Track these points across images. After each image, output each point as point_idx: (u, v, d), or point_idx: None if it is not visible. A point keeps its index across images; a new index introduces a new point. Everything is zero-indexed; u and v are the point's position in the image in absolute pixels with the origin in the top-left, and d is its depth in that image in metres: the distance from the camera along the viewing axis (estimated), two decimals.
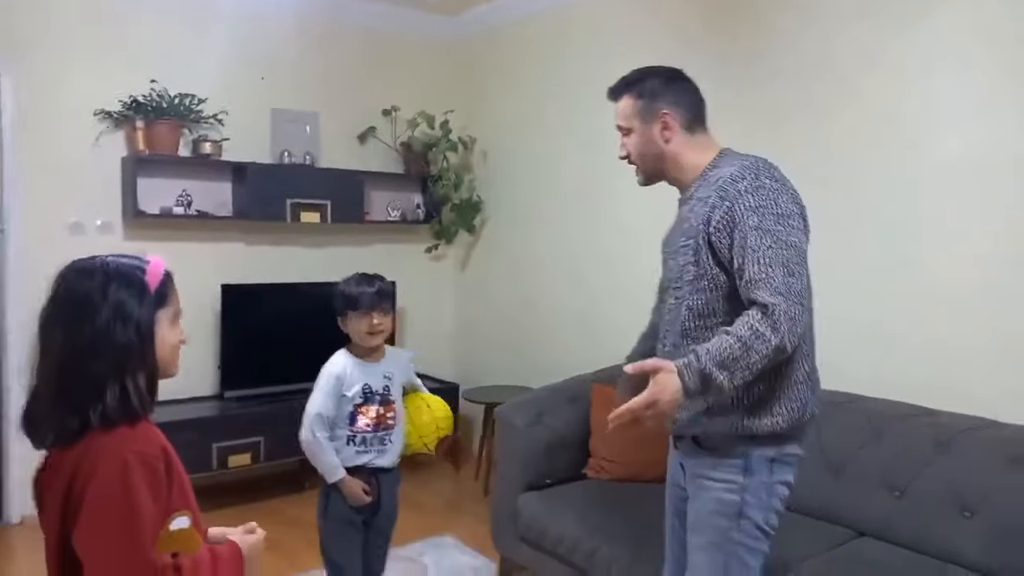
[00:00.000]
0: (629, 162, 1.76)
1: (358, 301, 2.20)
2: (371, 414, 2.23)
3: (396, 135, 4.43)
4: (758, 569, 1.62)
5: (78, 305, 1.14)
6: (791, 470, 1.62)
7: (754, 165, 1.58)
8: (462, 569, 3.05)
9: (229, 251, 3.97)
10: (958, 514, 2.14)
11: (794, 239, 1.50)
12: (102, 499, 1.09)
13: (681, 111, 1.68)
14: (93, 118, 3.55)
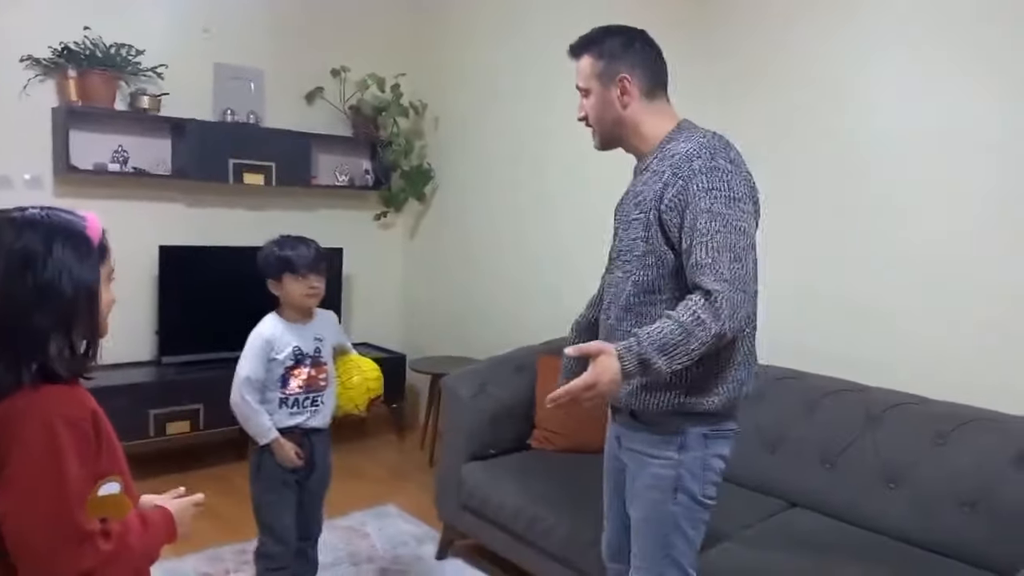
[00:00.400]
0: (587, 124, 1.71)
1: (295, 264, 2.16)
2: (302, 376, 2.21)
3: (345, 97, 4.31)
4: (698, 536, 1.67)
5: (20, 256, 1.09)
6: (727, 443, 1.66)
7: (711, 144, 1.56)
8: (405, 537, 3.05)
9: (168, 211, 3.82)
10: (884, 485, 2.23)
11: (743, 224, 1.50)
12: (27, 463, 1.05)
13: (641, 76, 1.63)
14: (19, 64, 3.35)
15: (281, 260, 2.17)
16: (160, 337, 3.71)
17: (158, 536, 1.23)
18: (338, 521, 3.17)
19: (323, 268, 2.23)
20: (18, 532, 1.05)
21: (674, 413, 1.59)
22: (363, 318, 4.63)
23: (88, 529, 1.08)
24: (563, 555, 2.34)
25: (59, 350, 1.11)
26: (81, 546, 1.06)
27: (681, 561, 1.65)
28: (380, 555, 2.90)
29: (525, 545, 2.50)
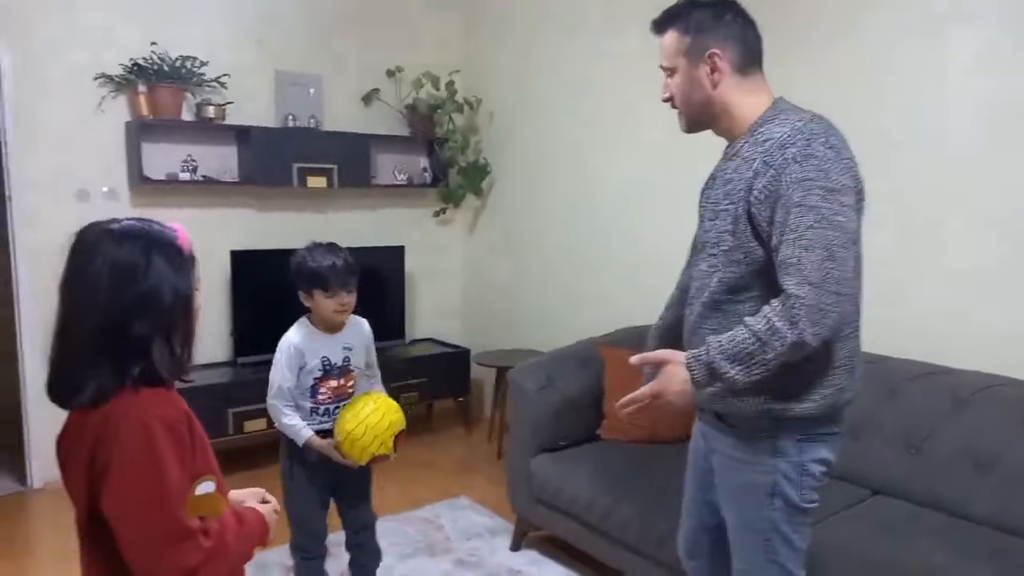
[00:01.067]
0: (672, 106, 1.59)
1: (327, 281, 2.12)
2: (331, 385, 2.22)
3: (401, 97, 4.36)
4: (802, 539, 1.56)
5: (123, 266, 1.13)
6: (825, 447, 1.52)
7: (808, 128, 1.41)
8: (478, 529, 3.09)
9: (236, 217, 3.95)
10: (973, 471, 2.15)
11: (841, 218, 1.35)
12: (128, 465, 1.09)
13: (733, 49, 1.49)
14: (94, 83, 3.50)
15: (312, 275, 2.14)
16: (235, 338, 3.84)
17: (253, 536, 1.27)
18: (413, 513, 3.23)
19: (354, 282, 2.19)
20: (125, 532, 1.10)
21: (763, 417, 1.48)
22: (426, 314, 4.69)
23: (191, 527, 1.12)
24: (639, 547, 2.33)
25: (159, 355, 1.15)
26: (184, 543, 1.11)
27: (787, 565, 1.55)
28: (455, 547, 2.94)
29: (600, 536, 2.50)
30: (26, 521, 3.22)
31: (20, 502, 3.39)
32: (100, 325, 1.12)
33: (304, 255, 2.19)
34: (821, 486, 1.55)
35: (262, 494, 1.40)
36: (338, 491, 2.33)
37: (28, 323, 3.41)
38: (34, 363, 3.41)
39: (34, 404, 3.43)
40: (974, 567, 1.86)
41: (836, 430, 1.54)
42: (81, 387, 1.12)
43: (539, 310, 4.21)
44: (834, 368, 1.47)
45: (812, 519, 1.57)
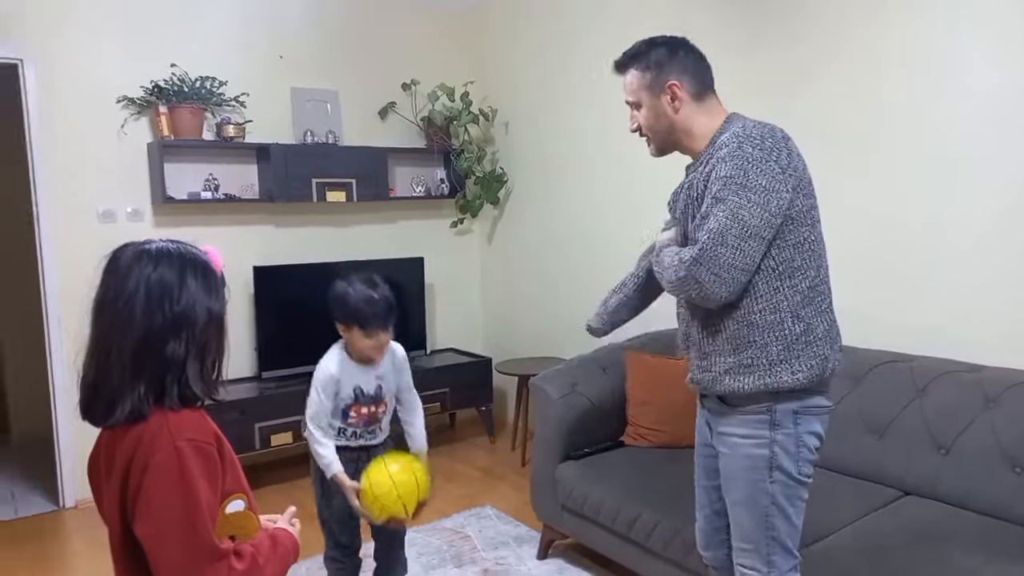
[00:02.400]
0: (640, 135, 1.77)
1: (366, 321, 2.11)
2: (361, 412, 2.25)
3: (416, 109, 4.40)
4: (798, 514, 1.65)
5: (159, 288, 1.15)
6: (818, 421, 1.64)
7: (744, 132, 1.57)
8: (504, 538, 3.09)
9: (258, 233, 4.00)
10: (1008, 469, 2.11)
11: (744, 213, 1.51)
12: (160, 489, 1.10)
13: (689, 79, 1.68)
14: (116, 105, 3.56)
15: (352, 313, 2.12)
16: (259, 353, 3.88)
17: (287, 556, 1.27)
18: (439, 523, 3.24)
19: (393, 320, 2.17)
20: (158, 555, 1.11)
21: (760, 393, 1.60)
22: (446, 324, 4.71)
23: (222, 549, 1.13)
24: (667, 554, 2.32)
25: (193, 374, 1.17)
26: (216, 565, 1.11)
27: (786, 541, 1.64)
28: (482, 556, 2.94)
29: (627, 543, 2.48)
30: (59, 540, 3.27)
31: (53, 521, 3.45)
32: (135, 345, 1.13)
33: (346, 289, 2.15)
34: (816, 461, 1.65)
35: (292, 513, 1.40)
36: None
37: (57, 345, 3.48)
38: (64, 384, 3.46)
39: (65, 424, 3.49)
40: (1010, 567, 1.83)
41: (827, 404, 1.66)
42: (115, 405, 1.13)
43: (560, 317, 4.21)
44: (816, 339, 1.60)
45: (807, 494, 1.65)
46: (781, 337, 1.58)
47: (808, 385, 1.59)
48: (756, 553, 1.66)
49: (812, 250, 1.59)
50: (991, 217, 2.41)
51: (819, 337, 1.60)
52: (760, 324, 1.58)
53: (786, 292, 1.57)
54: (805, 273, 1.59)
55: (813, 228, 1.60)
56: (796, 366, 1.58)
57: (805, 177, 1.60)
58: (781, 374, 1.58)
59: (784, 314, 1.58)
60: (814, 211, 1.62)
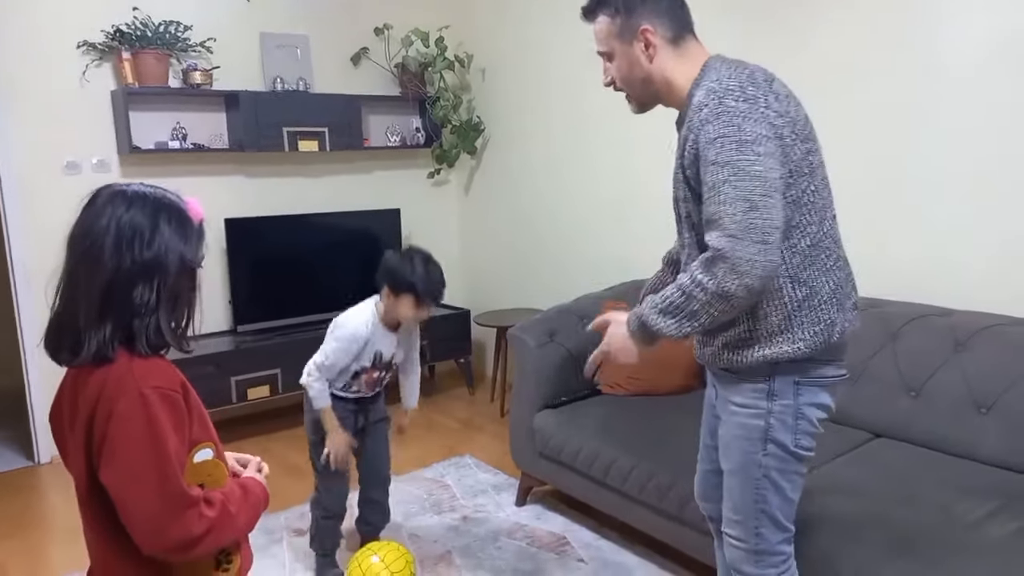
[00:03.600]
0: (615, 89, 1.62)
1: (427, 294, 2.13)
2: (372, 377, 2.28)
3: (390, 55, 4.28)
4: (794, 489, 1.57)
5: (130, 230, 1.12)
6: (823, 392, 1.53)
7: (721, 86, 1.42)
8: (483, 486, 3.12)
9: (229, 184, 3.90)
10: (975, 411, 2.15)
11: (758, 167, 1.35)
12: (125, 437, 1.08)
13: (663, 23, 1.52)
14: (77, 51, 3.43)
15: (411, 284, 2.13)
16: (234, 307, 3.83)
17: (257, 505, 1.26)
18: (419, 472, 3.27)
19: (441, 300, 2.22)
20: (127, 503, 1.09)
21: (762, 364, 1.49)
22: None
23: (192, 496, 1.11)
24: (642, 497, 2.35)
25: (163, 322, 1.14)
26: (186, 512, 1.10)
27: (776, 515, 1.57)
28: (462, 504, 2.97)
29: (604, 489, 2.52)
30: (34, 495, 3.25)
31: (28, 476, 3.43)
32: (102, 285, 1.10)
33: (405, 262, 2.16)
34: (817, 434, 1.55)
35: (258, 462, 1.38)
36: (361, 447, 2.38)
37: (25, 299, 3.40)
38: (34, 338, 3.40)
39: (37, 379, 3.44)
40: (979, 504, 1.88)
41: (836, 373, 1.54)
42: (80, 345, 1.11)
43: (538, 268, 4.19)
44: (821, 303, 1.47)
45: (805, 469, 1.57)
46: (780, 305, 1.45)
47: (812, 354, 1.47)
48: (743, 525, 1.59)
49: (812, 202, 1.45)
50: (968, 165, 2.40)
51: (824, 300, 1.47)
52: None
53: (784, 254, 1.43)
54: (805, 230, 1.44)
55: (812, 176, 1.45)
56: (798, 334, 1.46)
57: (799, 118, 1.46)
58: (781, 344, 1.46)
59: (783, 280, 1.45)
60: (812, 155, 1.46)
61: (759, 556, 1.59)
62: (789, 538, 1.61)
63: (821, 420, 1.55)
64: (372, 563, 2.01)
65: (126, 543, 1.11)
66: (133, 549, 1.11)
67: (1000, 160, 2.33)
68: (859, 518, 1.88)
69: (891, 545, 1.77)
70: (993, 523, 1.80)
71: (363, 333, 2.18)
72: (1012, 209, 2.32)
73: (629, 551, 2.56)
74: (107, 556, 1.18)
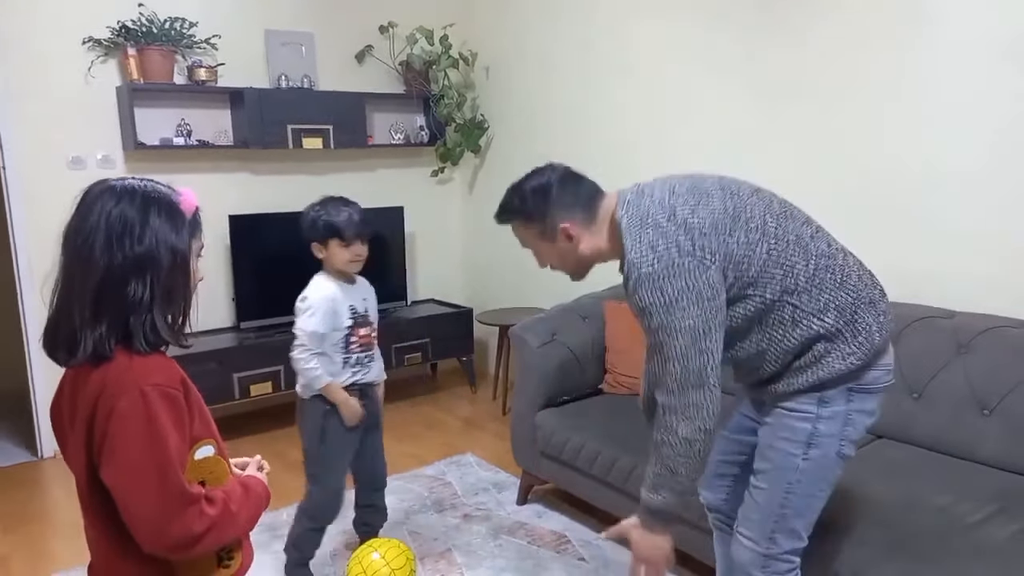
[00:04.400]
0: (553, 269, 1.71)
1: (344, 231, 2.15)
2: (361, 334, 2.26)
3: (394, 53, 4.29)
4: (821, 499, 1.58)
5: (120, 225, 1.11)
6: (873, 398, 1.54)
7: (635, 255, 1.49)
8: (485, 484, 3.12)
9: (233, 181, 3.91)
10: (977, 413, 2.15)
11: (687, 323, 1.43)
12: (126, 435, 1.07)
13: (576, 214, 1.60)
14: (83, 47, 3.44)
15: (328, 226, 2.15)
16: (237, 303, 3.84)
17: (259, 504, 1.26)
18: (421, 471, 3.27)
19: (367, 234, 2.23)
20: (128, 501, 1.09)
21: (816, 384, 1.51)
22: (427, 274, 4.68)
23: (193, 493, 1.11)
24: None
25: (159, 317, 1.13)
26: (188, 509, 1.09)
27: (794, 524, 1.57)
28: (463, 502, 2.98)
29: (605, 487, 2.52)
30: (37, 490, 3.27)
31: (31, 471, 3.44)
32: (95, 282, 1.10)
33: (318, 208, 2.21)
34: (860, 440, 1.57)
35: (259, 461, 1.38)
36: (359, 451, 2.35)
37: (29, 294, 3.42)
38: (37, 334, 3.39)
39: (41, 374, 3.45)
40: (979, 505, 1.87)
41: (886, 379, 1.55)
42: (77, 344, 1.10)
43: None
44: (852, 315, 1.50)
45: (837, 479, 1.58)
46: (819, 336, 1.48)
47: (863, 363, 1.49)
48: (760, 526, 1.59)
49: (782, 251, 1.48)
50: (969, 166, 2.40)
51: (854, 310, 1.50)
52: (796, 339, 1.49)
53: (792, 303, 1.48)
54: (794, 274, 1.48)
55: (765, 236, 1.48)
56: (846, 349, 1.48)
57: (716, 219, 1.48)
58: (833, 363, 1.48)
59: (808, 319, 1.48)
60: (751, 223, 1.49)
61: (768, 560, 1.59)
62: (800, 549, 1.61)
63: (867, 427, 1.56)
64: (373, 560, 2.01)
65: (127, 541, 1.11)
66: (134, 547, 1.11)
67: (1002, 161, 2.33)
68: (860, 519, 1.88)
69: (891, 546, 1.77)
70: (994, 525, 1.80)
71: (330, 290, 2.20)
72: (1014, 210, 2.31)
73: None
74: (109, 554, 1.18)
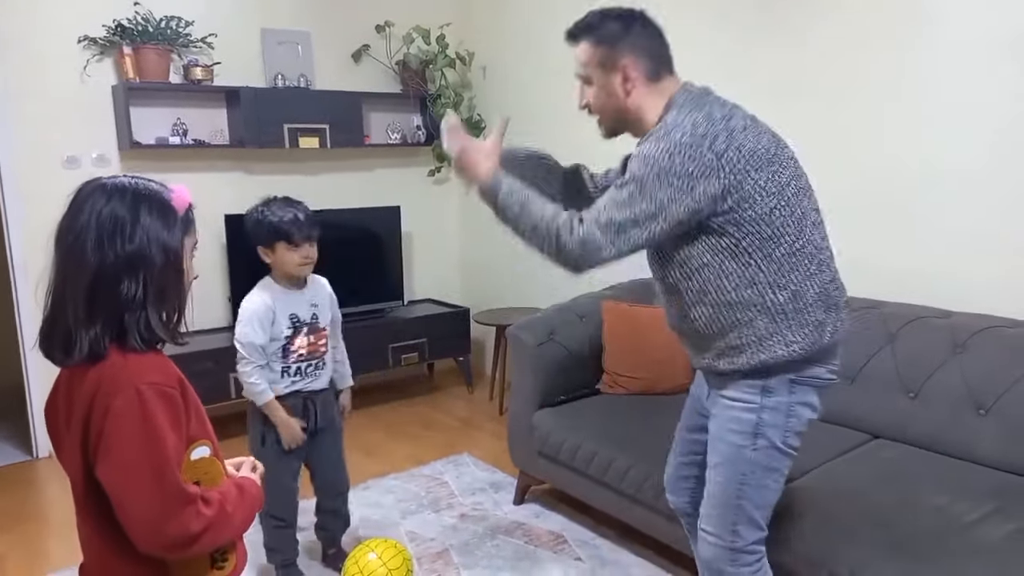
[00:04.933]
0: (589, 113, 1.66)
1: (290, 233, 2.10)
2: (302, 344, 2.19)
3: (391, 53, 4.28)
4: (775, 490, 1.61)
5: (111, 224, 1.10)
6: (814, 392, 1.57)
7: (675, 119, 1.47)
8: (481, 484, 3.12)
9: (229, 180, 3.90)
10: (973, 413, 2.15)
11: (662, 196, 1.43)
12: (122, 434, 1.07)
13: (643, 60, 1.56)
14: (78, 46, 3.42)
15: (273, 228, 2.10)
16: (233, 303, 3.83)
17: (253, 505, 1.25)
18: (418, 470, 3.27)
19: (316, 234, 2.17)
20: (123, 501, 1.08)
21: (757, 369, 1.53)
22: (424, 275, 4.68)
23: (190, 493, 1.10)
24: (639, 496, 2.35)
25: (152, 316, 1.13)
26: (185, 509, 1.09)
27: (753, 514, 1.60)
28: (460, 502, 2.97)
29: (601, 487, 2.52)
30: (32, 489, 3.25)
31: (26, 470, 3.43)
32: (88, 281, 1.09)
33: (262, 210, 2.15)
34: (804, 433, 1.59)
35: (252, 462, 1.37)
36: (312, 457, 2.32)
37: (23, 294, 3.40)
38: (32, 333, 3.38)
39: (36, 373, 3.44)
40: (976, 505, 1.88)
41: (828, 376, 1.58)
42: (72, 344, 1.10)
43: (538, 267, 4.16)
44: (807, 306, 1.51)
45: (787, 469, 1.61)
46: (764, 309, 1.50)
47: (805, 355, 1.51)
48: (721, 520, 1.62)
49: (784, 217, 1.48)
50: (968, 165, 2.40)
51: (810, 302, 1.51)
52: (740, 301, 1.50)
53: (759, 263, 1.48)
54: (779, 240, 1.48)
55: (781, 195, 1.48)
56: (790, 336, 1.50)
57: (759, 148, 1.47)
58: (775, 347, 1.50)
59: (763, 286, 1.49)
60: (779, 176, 1.48)
61: (735, 555, 1.62)
62: (763, 539, 1.64)
63: (810, 420, 1.59)
64: (369, 560, 2.00)
65: (122, 541, 1.10)
66: (129, 547, 1.10)
67: (1002, 161, 2.33)
68: (856, 518, 1.88)
69: (888, 546, 1.77)
70: (990, 524, 1.80)
71: (264, 301, 2.14)
72: (1014, 210, 2.32)
73: (626, 549, 2.56)
74: (103, 554, 1.17)
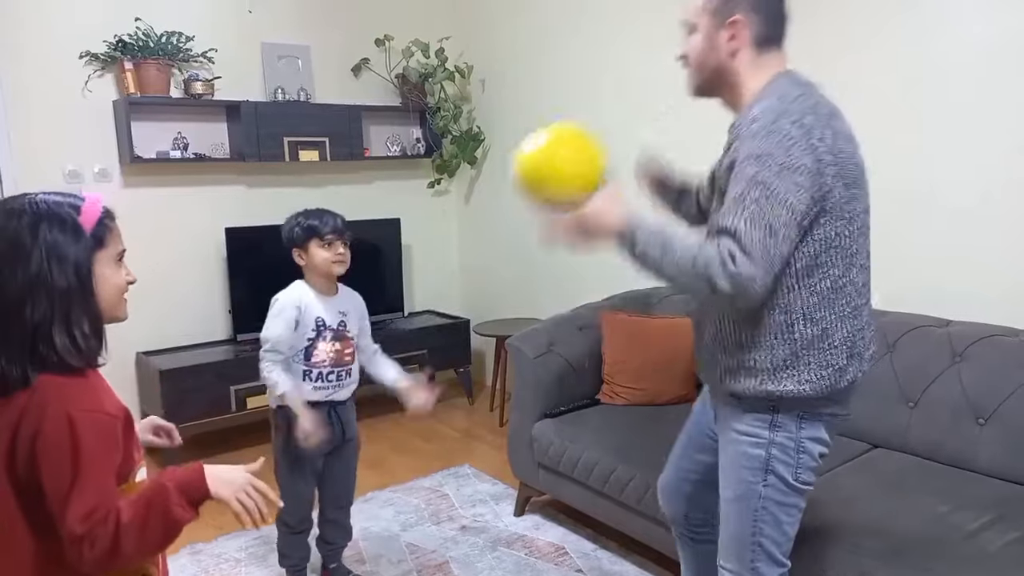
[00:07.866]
0: (684, 65, 1.53)
1: (322, 231, 2.19)
2: (327, 349, 2.22)
3: (391, 66, 4.31)
4: (791, 524, 1.54)
5: (7, 247, 1.07)
6: (824, 427, 1.50)
7: (782, 106, 1.36)
8: (482, 496, 3.12)
9: (230, 193, 3.91)
10: (973, 422, 2.16)
11: (791, 198, 1.31)
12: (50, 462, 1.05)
13: (757, 21, 1.43)
14: (80, 61, 3.45)
15: (307, 228, 2.20)
16: (234, 316, 3.84)
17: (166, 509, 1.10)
18: (418, 482, 3.26)
19: (348, 237, 2.25)
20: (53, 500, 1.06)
21: (763, 398, 1.47)
22: (424, 286, 4.69)
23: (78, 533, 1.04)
24: (640, 507, 2.35)
25: (60, 341, 1.08)
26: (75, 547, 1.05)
27: (772, 550, 1.54)
28: (460, 513, 2.97)
29: (602, 498, 2.52)
30: None
31: None
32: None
33: (296, 216, 2.26)
34: (817, 468, 1.53)
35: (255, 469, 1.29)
36: (326, 467, 2.33)
37: None
38: None
39: None
40: (976, 514, 1.88)
41: (841, 412, 1.52)
42: (6, 376, 1.07)
43: (538, 279, 4.20)
44: (831, 347, 1.43)
45: (804, 503, 1.55)
46: (790, 340, 1.41)
47: (816, 396, 1.43)
48: (739, 558, 1.56)
49: (842, 246, 1.39)
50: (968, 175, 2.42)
51: (836, 344, 1.42)
52: (768, 324, 1.42)
53: (801, 292, 1.40)
54: (827, 271, 1.40)
55: (850, 223, 1.39)
56: (805, 375, 1.42)
57: (851, 163, 1.39)
58: (785, 381, 1.43)
59: (795, 315, 1.41)
60: (856, 202, 1.40)
61: None
62: (784, 573, 1.58)
63: (822, 455, 1.52)
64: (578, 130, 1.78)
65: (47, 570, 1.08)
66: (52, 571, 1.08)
67: (1003, 165, 2.34)
68: (856, 527, 1.88)
69: (888, 554, 1.77)
70: (990, 533, 1.80)
71: (294, 298, 2.21)
72: (1012, 220, 2.33)
73: (627, 561, 2.56)
74: None
